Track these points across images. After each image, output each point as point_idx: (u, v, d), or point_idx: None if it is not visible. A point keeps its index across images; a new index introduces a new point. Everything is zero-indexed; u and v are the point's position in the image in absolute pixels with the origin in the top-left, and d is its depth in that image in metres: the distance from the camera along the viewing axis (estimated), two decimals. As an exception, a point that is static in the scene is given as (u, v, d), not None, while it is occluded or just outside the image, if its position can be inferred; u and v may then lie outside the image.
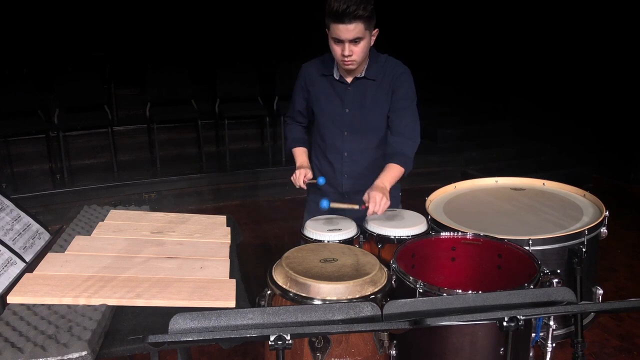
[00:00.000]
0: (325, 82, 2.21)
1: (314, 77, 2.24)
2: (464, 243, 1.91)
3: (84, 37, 6.97)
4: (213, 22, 7.55)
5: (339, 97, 2.19)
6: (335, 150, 2.25)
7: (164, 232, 2.05)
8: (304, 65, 2.30)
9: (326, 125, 2.25)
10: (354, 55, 1.99)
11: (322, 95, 2.22)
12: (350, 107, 2.18)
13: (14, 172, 5.42)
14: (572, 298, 1.18)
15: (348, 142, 2.22)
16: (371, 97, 2.16)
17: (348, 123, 2.20)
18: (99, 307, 1.46)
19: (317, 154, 2.35)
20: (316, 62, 2.27)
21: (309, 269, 1.62)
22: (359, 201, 2.01)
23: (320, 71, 2.22)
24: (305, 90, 2.28)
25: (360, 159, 2.24)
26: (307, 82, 2.26)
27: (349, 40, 1.95)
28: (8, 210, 1.84)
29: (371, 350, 1.60)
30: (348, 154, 2.24)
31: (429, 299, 1.23)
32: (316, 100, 2.25)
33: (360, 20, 1.91)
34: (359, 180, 2.24)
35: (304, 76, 2.27)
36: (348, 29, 1.92)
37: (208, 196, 5.41)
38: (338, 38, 1.96)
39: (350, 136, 2.21)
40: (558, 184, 2.52)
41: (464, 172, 5.79)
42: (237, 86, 6.02)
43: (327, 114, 2.23)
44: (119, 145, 5.76)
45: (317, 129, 2.31)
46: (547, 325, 1.78)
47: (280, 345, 1.04)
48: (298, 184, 2.20)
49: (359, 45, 1.98)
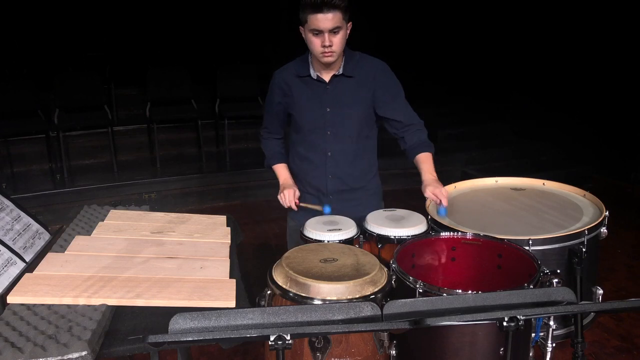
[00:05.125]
0: (303, 83, 2.19)
1: (290, 81, 2.21)
2: (464, 243, 1.91)
3: (84, 37, 6.97)
4: (213, 22, 7.56)
5: (318, 97, 2.17)
6: (319, 150, 2.23)
7: (164, 232, 2.05)
8: (275, 72, 2.27)
9: (308, 126, 2.22)
10: (333, 46, 2.00)
11: (301, 97, 2.20)
12: (331, 106, 2.17)
13: (14, 172, 5.42)
14: (572, 298, 1.18)
15: (331, 141, 2.21)
16: (351, 94, 2.16)
17: (330, 122, 2.18)
18: (99, 307, 1.46)
19: (297, 156, 2.31)
20: (289, 66, 2.24)
21: (309, 269, 1.62)
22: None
23: (295, 73, 2.20)
24: (281, 95, 2.24)
25: (344, 157, 2.23)
26: (284, 87, 2.23)
27: (329, 29, 1.97)
28: (8, 210, 1.84)
29: (371, 350, 1.60)
30: (332, 154, 2.22)
31: (429, 299, 1.23)
32: (295, 103, 2.21)
33: (338, 9, 1.94)
34: (343, 179, 2.25)
35: (279, 82, 2.24)
36: (327, 17, 1.94)
37: (208, 196, 5.41)
38: (317, 29, 1.97)
39: (333, 135, 2.20)
40: (558, 184, 2.52)
41: (464, 172, 5.79)
42: (237, 86, 6.02)
43: (308, 115, 2.20)
44: (119, 145, 5.76)
45: (298, 131, 2.26)
46: (547, 325, 1.78)
47: (280, 345, 1.04)
48: (287, 204, 2.19)
49: (337, 35, 1.99)
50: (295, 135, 2.29)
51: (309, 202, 2.24)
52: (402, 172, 5.33)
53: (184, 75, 5.94)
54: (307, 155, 2.26)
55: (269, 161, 2.38)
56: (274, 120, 2.35)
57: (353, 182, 2.27)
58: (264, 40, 7.46)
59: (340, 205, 2.24)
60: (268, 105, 2.34)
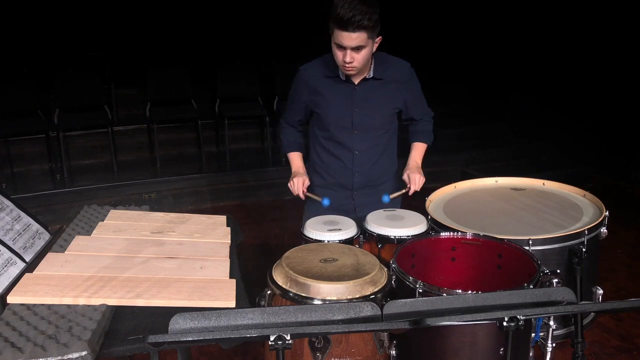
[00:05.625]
0: (331, 83, 2.20)
1: (317, 79, 2.22)
2: (464, 243, 1.91)
3: (84, 37, 6.97)
4: (213, 22, 7.55)
5: (346, 97, 2.19)
6: (346, 148, 2.25)
7: (164, 232, 2.05)
8: (302, 67, 2.27)
9: (334, 125, 2.23)
10: (354, 62, 2.01)
11: (328, 96, 2.21)
12: (359, 107, 2.19)
13: (14, 172, 5.42)
14: (572, 298, 1.18)
15: (358, 140, 2.23)
16: (379, 95, 2.19)
17: (357, 122, 2.21)
18: (99, 307, 1.46)
19: (321, 153, 2.33)
20: (317, 63, 2.25)
21: (309, 269, 1.62)
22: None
23: (323, 73, 2.21)
24: (307, 92, 2.25)
25: (370, 155, 2.27)
26: (310, 84, 2.23)
27: (351, 47, 1.96)
28: (8, 210, 1.84)
29: (371, 350, 1.60)
30: (359, 152, 2.25)
31: (429, 299, 1.23)
32: (322, 102, 2.23)
33: (364, 30, 1.92)
34: (369, 176, 2.29)
35: (306, 78, 2.25)
36: (351, 37, 1.93)
37: (208, 196, 5.41)
38: (340, 44, 1.97)
39: (359, 134, 2.23)
40: (558, 184, 2.52)
41: (464, 172, 5.79)
42: (237, 86, 6.02)
43: (335, 114, 2.22)
44: (119, 145, 5.75)
45: (322, 129, 2.28)
46: (547, 325, 1.78)
47: (280, 345, 1.04)
48: (297, 192, 2.23)
49: (360, 53, 1.99)
50: (321, 133, 2.30)
51: (316, 194, 2.26)
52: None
53: (184, 75, 5.93)
54: (334, 152, 2.28)
55: (285, 148, 2.41)
56: (296, 115, 2.36)
57: (377, 178, 2.32)
58: (264, 41, 7.45)
59: (365, 199, 2.30)
60: (292, 99, 2.35)
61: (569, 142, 5.85)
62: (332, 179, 2.32)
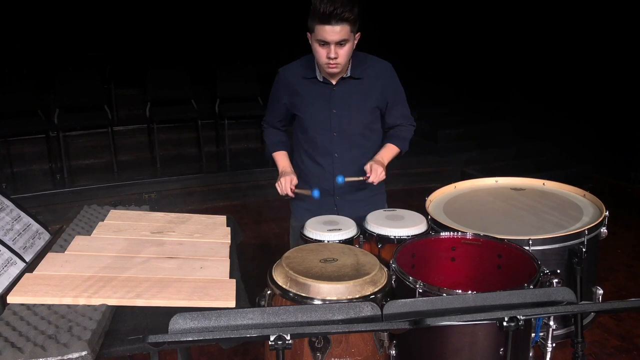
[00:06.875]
0: (309, 84, 2.18)
1: (296, 81, 2.20)
2: (464, 243, 1.91)
3: (84, 37, 6.97)
4: (213, 22, 7.56)
5: (324, 99, 2.17)
6: (325, 152, 2.23)
7: (164, 232, 2.05)
8: (281, 69, 2.26)
9: (313, 127, 2.21)
10: (339, 58, 2.00)
11: (306, 98, 2.19)
12: (337, 107, 2.17)
13: (14, 172, 5.42)
14: (572, 298, 1.18)
15: (337, 143, 2.21)
16: (357, 95, 2.16)
17: (336, 124, 2.18)
18: (99, 307, 1.46)
19: (302, 157, 2.30)
20: (295, 65, 2.23)
21: (309, 269, 1.62)
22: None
23: (301, 74, 2.19)
24: (286, 94, 2.23)
25: (350, 158, 2.23)
26: (289, 86, 2.22)
27: (335, 42, 1.95)
28: (8, 210, 1.84)
29: (371, 350, 1.60)
30: (339, 155, 2.22)
31: (429, 299, 1.23)
32: (300, 104, 2.21)
33: (346, 22, 1.92)
34: None
35: (284, 81, 2.23)
36: (335, 30, 1.92)
37: (208, 196, 5.41)
38: (324, 40, 1.95)
39: (339, 137, 2.20)
40: (558, 184, 2.52)
41: (464, 172, 5.79)
42: (237, 86, 6.03)
43: (314, 116, 2.19)
44: (119, 145, 5.76)
45: (303, 131, 2.25)
46: (547, 325, 1.78)
47: (280, 345, 1.04)
48: (284, 191, 2.18)
49: (344, 48, 1.98)
50: (302, 136, 2.28)
51: (305, 189, 2.21)
52: (402, 172, 5.33)
53: (184, 75, 5.93)
54: (314, 156, 2.26)
55: (269, 149, 2.36)
56: (276, 117, 2.34)
57: (360, 183, 2.25)
58: (264, 41, 7.45)
59: (346, 205, 2.26)
60: (272, 100, 2.33)
61: (569, 142, 5.86)
62: (315, 185, 2.27)
